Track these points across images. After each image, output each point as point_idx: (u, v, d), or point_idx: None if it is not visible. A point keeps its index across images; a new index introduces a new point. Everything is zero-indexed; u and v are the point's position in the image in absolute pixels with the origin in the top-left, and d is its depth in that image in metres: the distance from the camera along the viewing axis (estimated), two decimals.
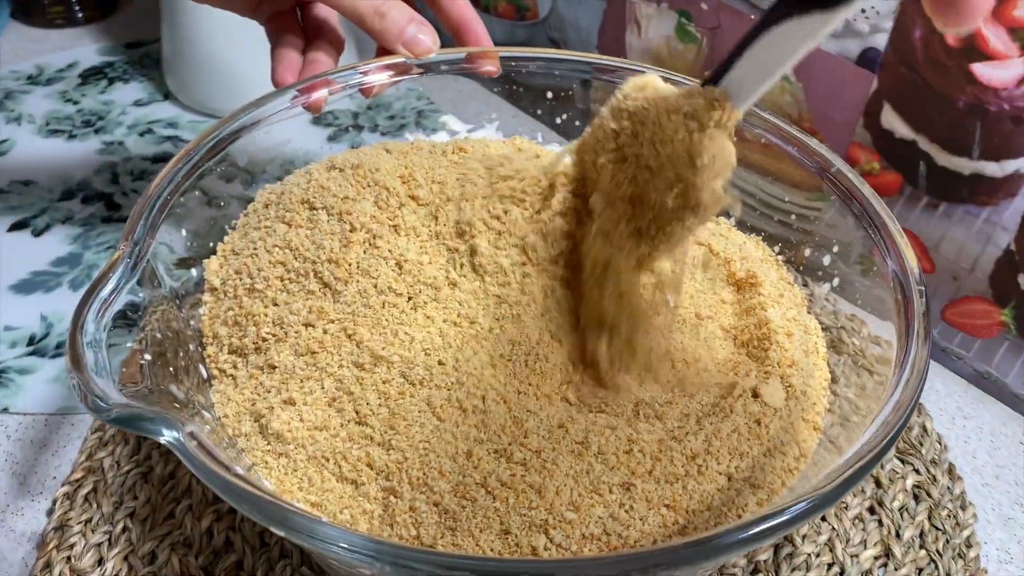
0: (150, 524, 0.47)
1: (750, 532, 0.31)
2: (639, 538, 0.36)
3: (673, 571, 0.30)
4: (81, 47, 0.92)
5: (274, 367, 0.41)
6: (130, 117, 0.82)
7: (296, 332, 0.42)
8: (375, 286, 0.43)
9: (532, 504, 0.36)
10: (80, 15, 0.95)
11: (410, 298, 0.43)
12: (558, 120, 0.61)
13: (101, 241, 0.67)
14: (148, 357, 0.39)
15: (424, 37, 0.53)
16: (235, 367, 0.43)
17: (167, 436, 0.33)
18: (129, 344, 0.39)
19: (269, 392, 0.41)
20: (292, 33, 0.57)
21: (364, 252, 0.44)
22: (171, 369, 0.40)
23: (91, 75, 0.87)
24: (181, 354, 0.42)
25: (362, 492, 0.37)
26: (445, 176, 0.49)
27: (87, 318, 0.37)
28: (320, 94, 0.52)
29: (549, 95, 0.60)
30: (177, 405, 0.37)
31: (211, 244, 0.49)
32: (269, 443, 0.39)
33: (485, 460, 0.37)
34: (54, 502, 0.48)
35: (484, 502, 0.36)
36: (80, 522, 0.47)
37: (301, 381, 0.40)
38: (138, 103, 0.84)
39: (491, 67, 0.56)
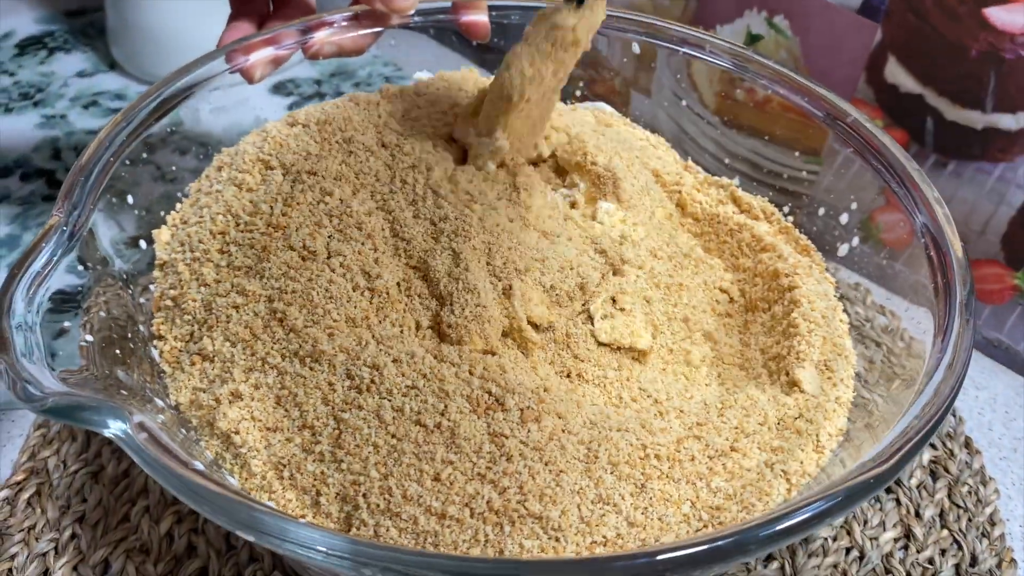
0: (102, 529, 0.43)
1: (794, 521, 0.27)
2: (659, 535, 0.32)
3: (710, 568, 0.26)
4: (17, 15, 0.86)
5: (209, 357, 0.36)
6: (72, 89, 0.77)
7: (227, 316, 0.37)
8: (305, 250, 0.38)
9: (533, 532, 0.31)
10: None
11: (330, 256, 0.38)
12: None
13: (42, 221, 0.62)
14: (90, 339, 0.34)
15: None
16: (180, 351, 0.38)
17: (112, 428, 0.29)
18: (66, 324, 0.34)
19: (213, 382, 0.36)
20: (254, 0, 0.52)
21: (310, 211, 0.39)
22: (118, 351, 0.35)
23: (29, 45, 0.82)
24: (130, 335, 0.37)
25: (323, 510, 0.32)
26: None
27: (15, 296, 0.32)
28: (255, 58, 0.47)
29: None
30: (125, 392, 0.33)
31: (165, 220, 0.44)
32: (222, 442, 0.34)
33: (461, 483, 0.32)
34: None
35: (472, 522, 0.31)
36: (22, 529, 0.43)
37: (245, 372, 0.36)
38: (81, 74, 0.79)
39: (480, 26, 0.51)
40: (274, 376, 0.35)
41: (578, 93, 0.59)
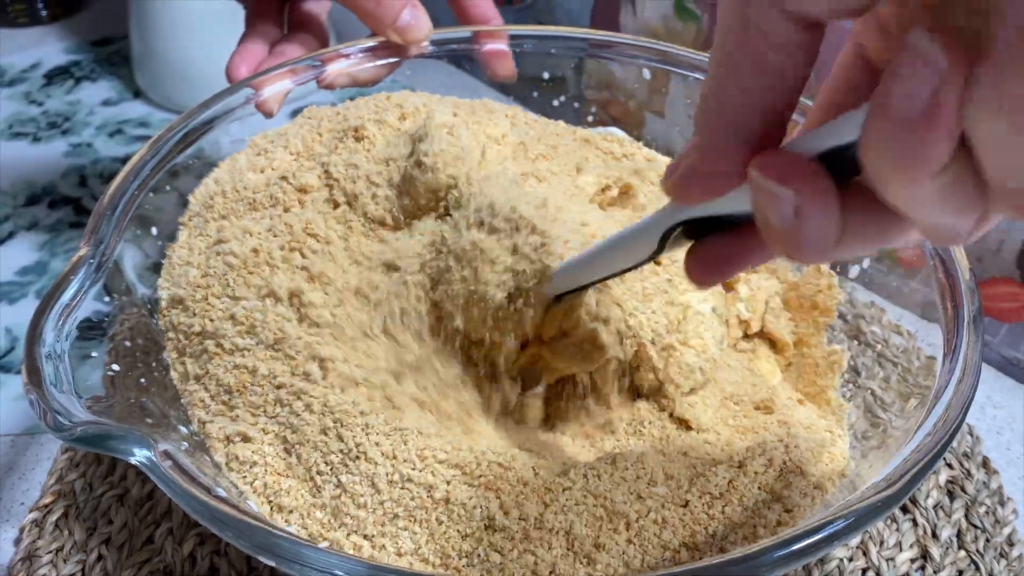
0: (127, 551, 0.43)
1: (805, 543, 0.27)
2: (655, 565, 0.32)
3: None
4: (45, 46, 0.88)
5: (210, 392, 0.38)
6: (98, 117, 0.78)
7: (211, 364, 0.38)
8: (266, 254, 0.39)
9: None
10: (43, 13, 0.91)
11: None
12: (555, 103, 0.58)
13: (69, 248, 0.64)
14: (117, 368, 0.35)
15: (418, 22, 0.49)
16: (184, 378, 0.39)
17: (138, 456, 0.29)
18: (94, 354, 0.35)
19: (219, 416, 0.37)
20: (268, 22, 0.53)
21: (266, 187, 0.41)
22: (142, 379, 0.36)
23: (56, 75, 0.84)
24: (154, 363, 0.38)
25: None
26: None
27: (45, 327, 0.33)
28: (270, 92, 0.48)
29: (545, 75, 0.56)
30: (150, 420, 0.34)
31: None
32: (240, 474, 0.35)
33: (456, 539, 0.33)
34: (21, 530, 0.45)
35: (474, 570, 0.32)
36: (50, 551, 0.44)
37: (252, 414, 0.36)
38: (107, 103, 0.80)
39: (505, 71, 0.52)
40: (276, 425, 0.36)
41: (591, 118, 0.60)
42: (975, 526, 0.47)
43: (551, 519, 0.32)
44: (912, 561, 0.45)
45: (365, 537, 0.33)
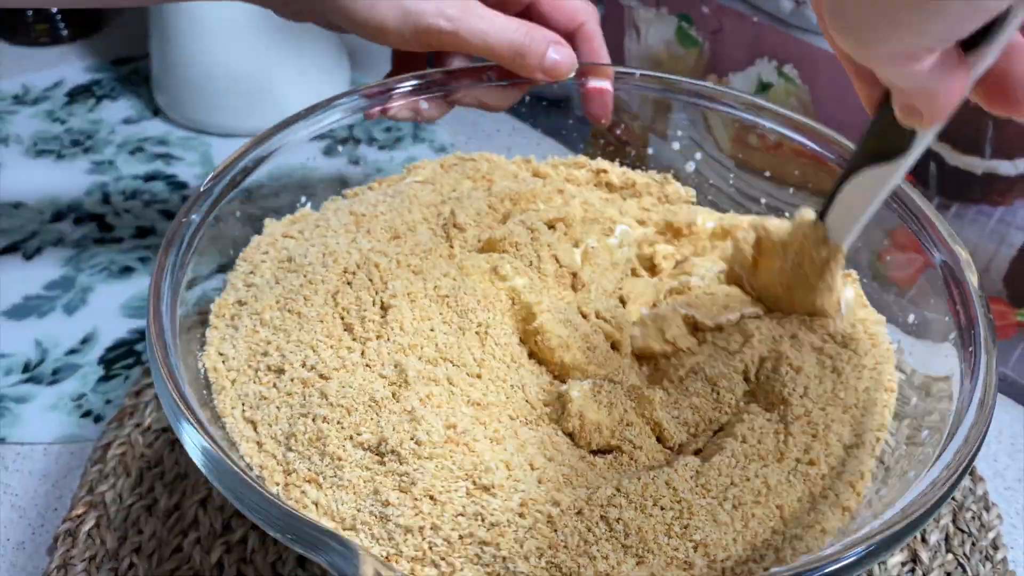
0: (157, 559, 0.46)
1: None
2: None
3: None
4: (67, 65, 0.90)
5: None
6: (119, 135, 0.80)
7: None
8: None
9: None
10: (65, 32, 0.93)
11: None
12: (562, 132, 0.60)
13: (94, 263, 0.66)
14: None
15: (563, 59, 0.50)
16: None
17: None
18: None
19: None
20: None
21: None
22: None
23: (78, 93, 0.86)
24: None
25: None
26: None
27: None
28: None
29: (550, 96, 0.58)
30: None
31: (213, 263, 0.47)
32: None
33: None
34: (55, 539, 0.47)
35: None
36: (84, 559, 0.46)
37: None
38: (127, 121, 0.82)
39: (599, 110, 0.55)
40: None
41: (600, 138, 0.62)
42: (961, 531, 0.49)
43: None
44: (903, 564, 0.47)
45: None
